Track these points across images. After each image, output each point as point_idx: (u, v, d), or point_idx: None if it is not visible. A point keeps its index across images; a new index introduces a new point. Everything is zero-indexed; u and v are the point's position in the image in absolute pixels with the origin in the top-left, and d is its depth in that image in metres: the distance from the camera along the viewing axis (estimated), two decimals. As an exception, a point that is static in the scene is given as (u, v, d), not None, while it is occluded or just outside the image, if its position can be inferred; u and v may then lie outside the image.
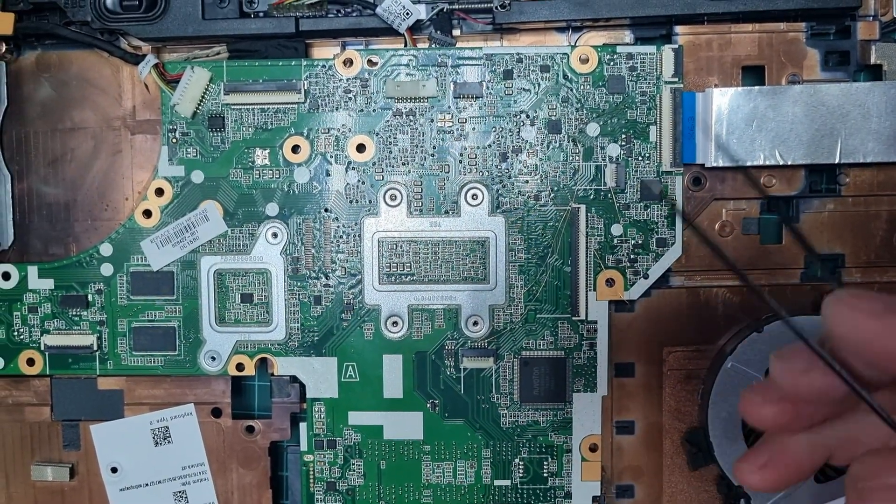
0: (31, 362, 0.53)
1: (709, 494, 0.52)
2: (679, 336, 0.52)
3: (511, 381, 0.51)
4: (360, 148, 0.51)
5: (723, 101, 0.49)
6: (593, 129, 0.50)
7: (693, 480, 0.52)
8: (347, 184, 0.51)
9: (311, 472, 0.52)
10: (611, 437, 0.52)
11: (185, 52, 0.52)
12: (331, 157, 0.51)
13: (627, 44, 0.51)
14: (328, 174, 0.51)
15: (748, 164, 0.49)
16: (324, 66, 0.50)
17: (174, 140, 0.51)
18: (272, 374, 0.52)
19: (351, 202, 0.51)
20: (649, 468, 0.53)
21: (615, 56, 0.49)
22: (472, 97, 0.50)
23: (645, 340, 0.52)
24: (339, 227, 0.51)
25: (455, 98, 0.50)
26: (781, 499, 0.50)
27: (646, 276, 0.51)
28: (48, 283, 0.52)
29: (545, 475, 0.52)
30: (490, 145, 0.50)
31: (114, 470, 0.53)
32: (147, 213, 0.52)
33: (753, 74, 0.51)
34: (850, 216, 0.51)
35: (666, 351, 0.52)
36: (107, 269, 0.52)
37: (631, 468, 0.53)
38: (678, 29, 0.50)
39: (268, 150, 0.51)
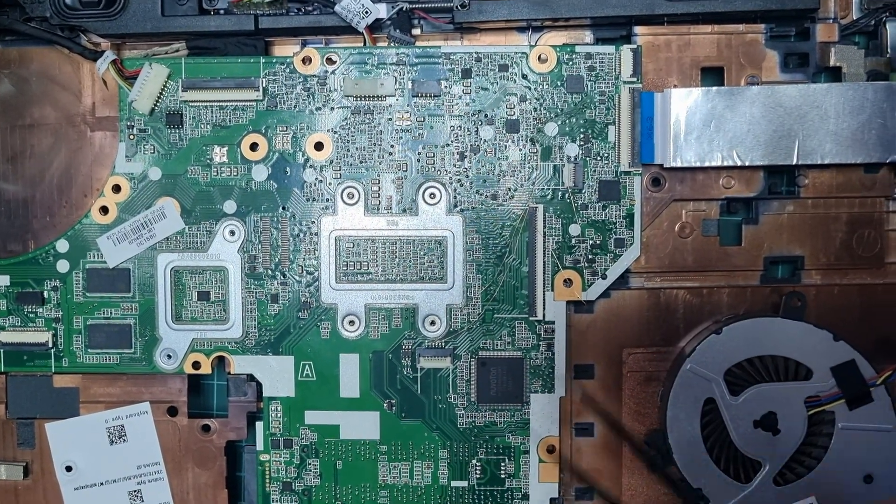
0: (-14, 359, 0.52)
1: (668, 497, 0.52)
2: (639, 337, 0.52)
3: (468, 381, 0.51)
4: (318, 146, 0.50)
5: (681, 102, 0.49)
6: (551, 128, 0.50)
7: (652, 482, 0.52)
8: (305, 182, 0.51)
9: (267, 472, 0.52)
10: (570, 438, 0.52)
11: (144, 49, 0.52)
12: (289, 155, 0.51)
13: (586, 44, 0.51)
14: (286, 172, 0.51)
15: (706, 164, 0.49)
16: (282, 64, 0.50)
17: (131, 137, 0.51)
18: (229, 373, 0.52)
19: (308, 200, 0.51)
20: (609, 470, 0.52)
21: (574, 56, 0.49)
22: (431, 96, 0.50)
23: (604, 342, 0.52)
24: (296, 225, 0.51)
25: (413, 97, 0.50)
26: (741, 501, 0.49)
27: (604, 277, 0.50)
28: (4, 280, 0.52)
29: (502, 476, 0.52)
30: (448, 144, 0.50)
31: (69, 469, 0.52)
32: (104, 210, 0.51)
33: (713, 75, 0.51)
34: (810, 218, 0.51)
35: (626, 352, 0.52)
36: (63, 266, 0.52)
37: (590, 470, 0.52)
38: (637, 29, 0.50)
39: (226, 148, 0.51)
